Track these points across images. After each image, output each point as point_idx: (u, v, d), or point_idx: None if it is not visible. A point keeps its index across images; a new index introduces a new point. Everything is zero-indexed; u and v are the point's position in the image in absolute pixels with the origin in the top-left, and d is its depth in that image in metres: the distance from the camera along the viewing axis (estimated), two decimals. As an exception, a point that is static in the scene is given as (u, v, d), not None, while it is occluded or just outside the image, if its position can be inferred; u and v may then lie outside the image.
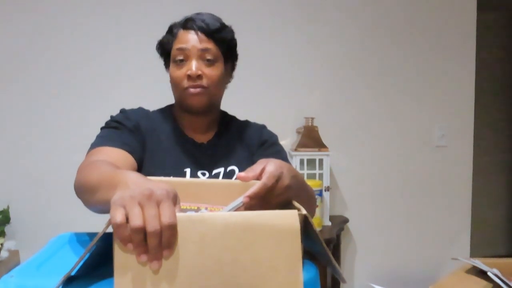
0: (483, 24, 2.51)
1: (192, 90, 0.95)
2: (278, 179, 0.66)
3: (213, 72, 0.96)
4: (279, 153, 1.04)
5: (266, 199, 0.66)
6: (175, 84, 0.97)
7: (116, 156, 0.85)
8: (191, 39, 0.95)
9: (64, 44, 1.93)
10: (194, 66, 0.94)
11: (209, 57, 0.96)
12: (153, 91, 1.64)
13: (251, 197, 0.64)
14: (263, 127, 1.11)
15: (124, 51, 1.97)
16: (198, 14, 0.99)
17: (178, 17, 1.03)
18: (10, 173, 1.90)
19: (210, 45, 0.96)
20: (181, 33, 0.97)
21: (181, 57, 0.95)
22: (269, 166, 0.68)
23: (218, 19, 1.00)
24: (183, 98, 0.97)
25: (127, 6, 1.97)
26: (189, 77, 0.94)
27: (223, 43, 0.99)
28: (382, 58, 2.18)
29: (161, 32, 1.03)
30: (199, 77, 0.94)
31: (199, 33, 0.95)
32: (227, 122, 1.09)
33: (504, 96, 3.34)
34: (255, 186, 0.64)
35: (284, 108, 2.10)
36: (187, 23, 0.97)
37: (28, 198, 1.90)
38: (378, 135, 2.19)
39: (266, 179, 0.65)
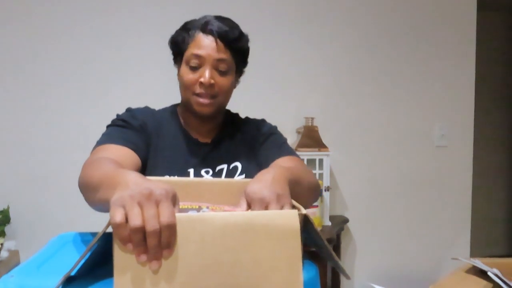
0: (483, 24, 2.51)
1: (201, 100, 0.95)
2: (266, 206, 0.61)
3: (224, 82, 0.97)
4: (277, 141, 1.06)
5: None
6: (186, 87, 0.97)
7: (121, 154, 0.86)
8: (209, 46, 0.94)
9: (65, 44, 1.93)
10: (207, 74, 0.94)
11: (223, 67, 0.96)
12: (156, 91, 1.64)
13: None
14: (262, 120, 1.13)
15: (125, 51, 1.97)
16: (217, 17, 0.98)
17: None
18: (10, 173, 1.89)
19: (226, 55, 0.96)
20: (199, 36, 0.96)
21: (195, 62, 0.95)
22: (253, 204, 0.62)
23: (237, 27, 1.00)
24: (191, 102, 0.97)
25: (129, 5, 1.97)
26: (201, 84, 0.94)
27: (239, 52, 1.00)
28: (382, 58, 2.18)
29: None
30: (211, 85, 0.95)
31: (218, 41, 0.95)
32: (230, 121, 1.10)
33: (504, 96, 3.34)
34: None
35: (284, 108, 2.10)
36: (206, 27, 0.95)
37: (28, 198, 1.90)
38: (378, 135, 2.19)
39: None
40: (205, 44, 0.94)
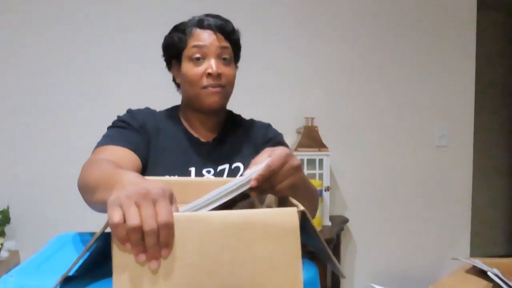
0: (483, 24, 2.50)
1: (212, 89, 0.95)
2: (285, 161, 0.63)
3: (230, 71, 0.98)
4: None
5: (273, 181, 0.63)
6: (192, 82, 0.96)
7: (120, 155, 0.86)
8: (209, 38, 0.96)
9: (65, 44, 1.93)
10: (214, 64, 0.94)
11: (226, 56, 0.97)
12: (157, 91, 1.64)
13: (259, 180, 0.61)
14: (268, 125, 1.12)
15: (127, 51, 1.97)
16: (208, 15, 0.99)
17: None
18: (10, 173, 1.89)
19: (227, 44, 0.98)
20: (197, 32, 0.97)
21: (198, 55, 0.95)
22: (276, 151, 0.65)
23: (230, 21, 1.01)
24: (200, 96, 0.96)
25: (130, 5, 1.97)
26: (209, 75, 0.94)
27: (236, 44, 1.01)
28: (382, 58, 2.18)
29: (165, 32, 1.03)
30: (218, 76, 0.95)
31: (217, 33, 0.96)
32: (232, 121, 1.10)
33: (504, 96, 3.34)
34: (261, 169, 0.61)
35: (284, 108, 2.10)
36: (202, 23, 0.97)
37: (28, 198, 1.90)
38: (378, 135, 2.19)
39: (271, 161, 0.62)
40: (205, 37, 0.96)
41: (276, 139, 1.07)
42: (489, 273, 0.89)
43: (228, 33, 0.98)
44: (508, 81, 3.33)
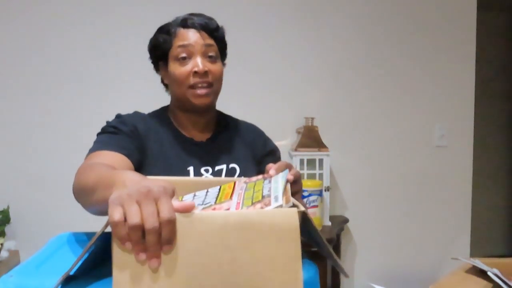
0: (483, 24, 2.50)
1: (199, 91, 0.95)
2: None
3: (216, 68, 0.98)
4: None
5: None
6: (179, 82, 0.96)
7: (113, 159, 0.85)
8: (193, 36, 0.96)
9: (65, 46, 1.93)
10: (200, 62, 0.95)
11: (211, 53, 0.97)
12: (154, 93, 1.64)
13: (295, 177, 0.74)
14: (264, 134, 1.14)
15: (123, 54, 1.97)
16: (191, 14, 1.00)
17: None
18: (10, 173, 1.90)
19: (212, 41, 0.98)
20: (181, 31, 0.97)
21: (184, 54, 0.95)
22: (278, 164, 0.76)
23: (213, 19, 1.02)
24: (188, 97, 0.97)
25: (126, 8, 1.97)
26: (195, 73, 0.94)
27: (221, 42, 1.02)
28: (382, 58, 2.18)
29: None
30: (205, 73, 0.95)
31: (201, 31, 0.97)
32: (224, 121, 1.10)
33: (504, 96, 3.34)
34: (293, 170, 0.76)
35: (284, 108, 2.10)
36: (186, 22, 0.97)
37: (28, 198, 1.90)
38: (378, 135, 2.19)
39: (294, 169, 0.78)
40: (189, 36, 0.96)
41: (278, 154, 1.12)
42: (489, 273, 0.89)
43: (212, 30, 0.98)
44: (508, 81, 3.33)
